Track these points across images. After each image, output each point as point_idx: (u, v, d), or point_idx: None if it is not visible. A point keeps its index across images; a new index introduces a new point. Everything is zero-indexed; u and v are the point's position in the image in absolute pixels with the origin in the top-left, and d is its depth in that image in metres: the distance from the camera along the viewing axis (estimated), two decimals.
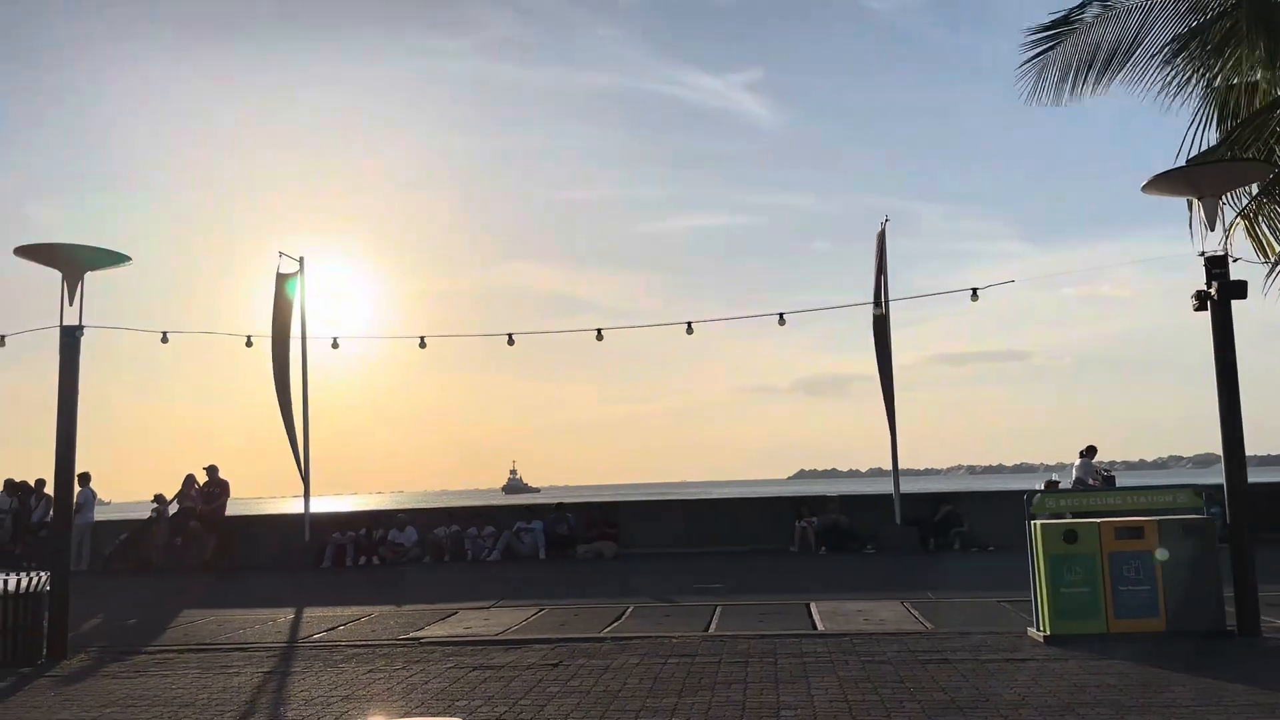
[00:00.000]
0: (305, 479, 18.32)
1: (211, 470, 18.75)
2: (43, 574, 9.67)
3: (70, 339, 9.88)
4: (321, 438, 18.34)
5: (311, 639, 10.22)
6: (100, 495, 19.41)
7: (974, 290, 17.28)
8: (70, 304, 9.89)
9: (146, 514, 19.25)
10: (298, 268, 18.45)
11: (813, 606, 10.99)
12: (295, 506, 19.62)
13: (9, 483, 19.37)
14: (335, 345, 18.70)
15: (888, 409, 17.49)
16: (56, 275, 9.88)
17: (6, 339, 12.31)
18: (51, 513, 19.36)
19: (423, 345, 18.84)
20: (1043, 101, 13.53)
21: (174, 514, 18.85)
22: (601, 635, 9.70)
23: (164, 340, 12.25)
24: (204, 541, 18.49)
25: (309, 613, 12.30)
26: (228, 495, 19.02)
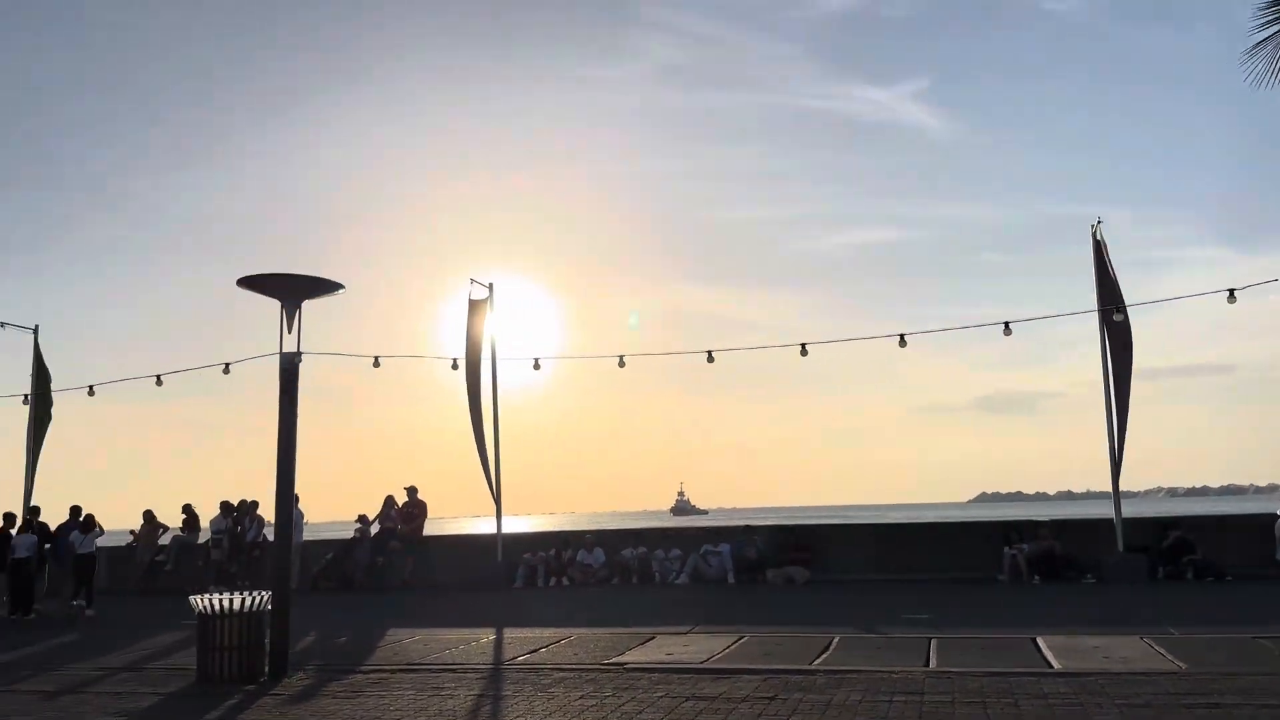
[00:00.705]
0: (497, 500, 18.62)
1: (411, 491, 19.35)
2: (264, 593, 10.01)
3: (289, 365, 10.25)
4: (508, 460, 18.58)
5: (516, 661, 10.19)
6: (306, 516, 20.29)
7: (1230, 291, 15.97)
8: (289, 331, 10.28)
9: (350, 534, 20.02)
10: (487, 293, 18.86)
11: (1041, 641, 10.12)
12: (483, 526, 19.99)
13: (224, 504, 20.57)
14: (537, 367, 19.05)
15: (1118, 424, 16.17)
16: (276, 304, 10.31)
17: (231, 366, 13.00)
18: (265, 533, 20.55)
19: (622, 364, 18.90)
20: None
21: (375, 534, 19.53)
22: (813, 667, 9.21)
23: (375, 365, 12.66)
24: (404, 561, 19.06)
25: (509, 634, 12.33)
26: (425, 516, 19.58)
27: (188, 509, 20.82)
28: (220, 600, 9.72)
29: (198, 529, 20.86)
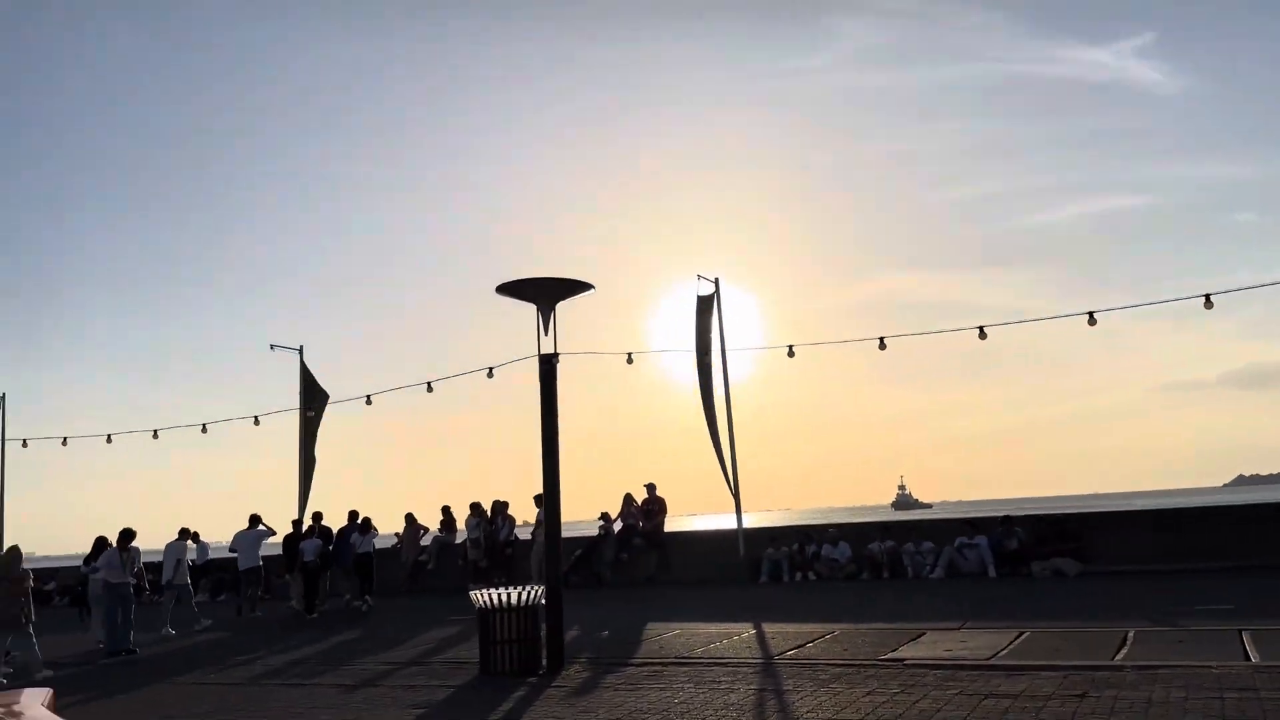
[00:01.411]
0: (736, 495, 18.53)
1: (650, 488, 19.59)
2: (538, 588, 10.28)
3: (548, 366, 10.51)
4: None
5: (786, 656, 9.97)
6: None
7: None
8: (545, 334, 10.54)
9: (593, 532, 20.49)
10: (714, 289, 18.82)
11: None
12: (716, 523, 19.91)
13: (475, 506, 21.55)
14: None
15: None
16: (532, 308, 10.59)
17: (495, 370, 13.57)
18: (515, 532, 21.39)
19: (791, 354, 18.29)
20: None
21: (619, 531, 19.89)
22: (1118, 663, 8.48)
23: (629, 361, 12.86)
24: (648, 557, 19.31)
25: (767, 628, 12.15)
26: (665, 513, 19.74)
27: (445, 511, 21.97)
28: (498, 595, 10.06)
29: (455, 529, 21.95)
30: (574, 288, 10.57)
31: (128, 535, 14.73)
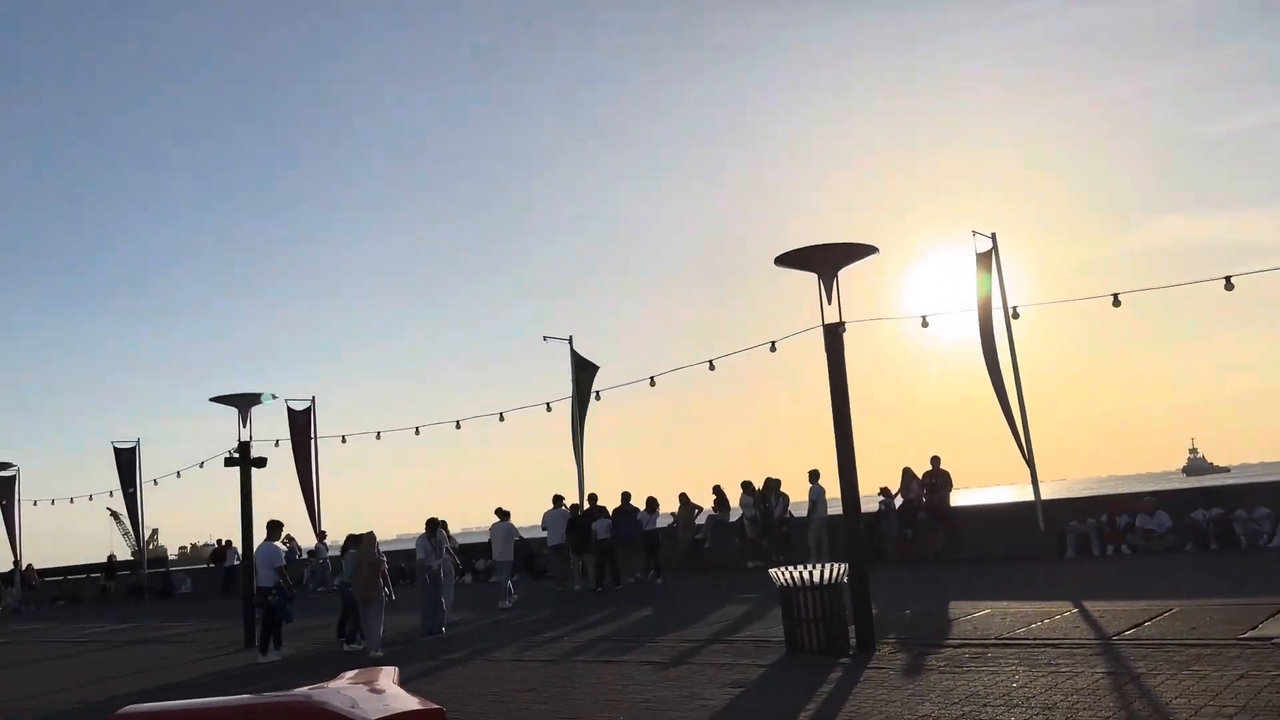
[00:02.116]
0: (1030, 463, 17.26)
1: (934, 461, 18.68)
2: (842, 565, 9.93)
3: (834, 336, 10.10)
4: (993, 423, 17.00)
5: (1124, 636, 9.07)
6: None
7: None
8: (829, 302, 10.13)
9: (874, 507, 19.81)
10: (991, 244, 17.60)
11: None
12: (1005, 495, 18.58)
13: (747, 485, 21.43)
14: (1015, 315, 17.31)
15: None
16: (813, 277, 10.21)
17: (778, 344, 13.31)
18: (789, 509, 21.10)
19: (1117, 304, 16.37)
20: None
21: (900, 506, 19.12)
22: None
23: (924, 325, 12.21)
24: (935, 533, 18.44)
25: (1090, 606, 11.16)
26: (950, 486, 18.79)
27: (717, 490, 22.00)
28: (801, 573, 9.80)
29: (729, 508, 21.95)
30: (856, 253, 10.10)
31: (433, 524, 15.74)
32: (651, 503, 20.50)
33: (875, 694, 7.64)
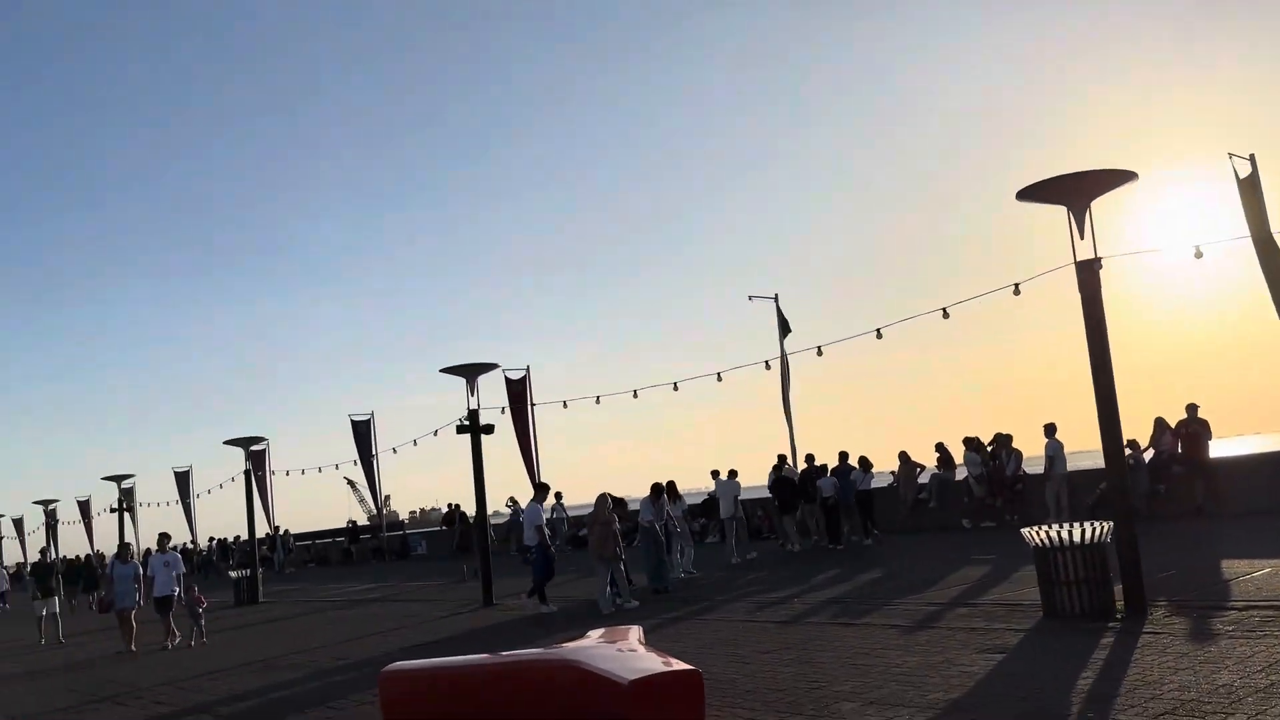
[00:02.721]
0: None
1: (1190, 409, 17.09)
2: (1105, 524, 9.17)
3: (1089, 274, 9.27)
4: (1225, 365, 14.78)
5: None
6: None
7: None
8: (1081, 237, 9.30)
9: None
10: (1251, 168, 15.76)
11: None
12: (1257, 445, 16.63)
13: (971, 440, 20.41)
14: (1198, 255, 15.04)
15: None
16: (1062, 211, 9.40)
17: (1021, 286, 12.48)
18: (1022, 466, 19.95)
19: None
20: None
21: (1150, 460, 17.67)
22: None
23: (1198, 256, 11.06)
24: (1192, 486, 16.92)
25: None
26: (1209, 435, 17.16)
27: (940, 447, 21.11)
28: (1059, 533, 9.12)
29: (953, 466, 21.03)
30: (1112, 180, 9.19)
31: (657, 489, 15.93)
32: (865, 462, 20.13)
33: (1160, 661, 6.96)
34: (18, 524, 51.64)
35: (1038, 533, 9.27)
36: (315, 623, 17.00)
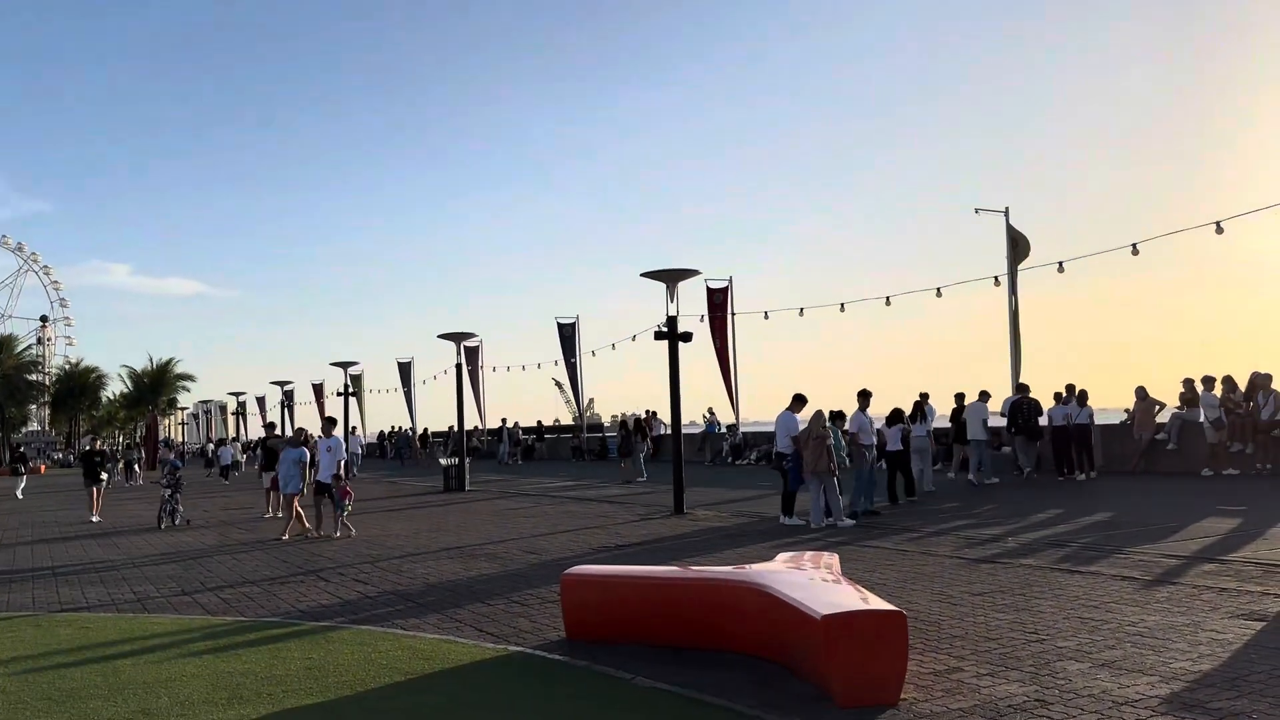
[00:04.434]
0: None
1: None
2: None
3: None
4: None
5: None
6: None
7: None
8: None
9: None
10: None
11: None
12: None
13: (1212, 380, 18.31)
14: None
15: None
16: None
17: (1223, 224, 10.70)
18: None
19: None
20: None
21: None
22: None
23: None
24: None
25: None
26: None
27: (1187, 383, 19.04)
28: None
29: (1197, 405, 18.94)
30: None
31: (865, 395, 15.03)
32: (1083, 395, 19.16)
33: None
34: (260, 401, 56.78)
35: None
36: (513, 516, 17.42)
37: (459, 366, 26.09)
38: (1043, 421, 19.41)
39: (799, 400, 14.65)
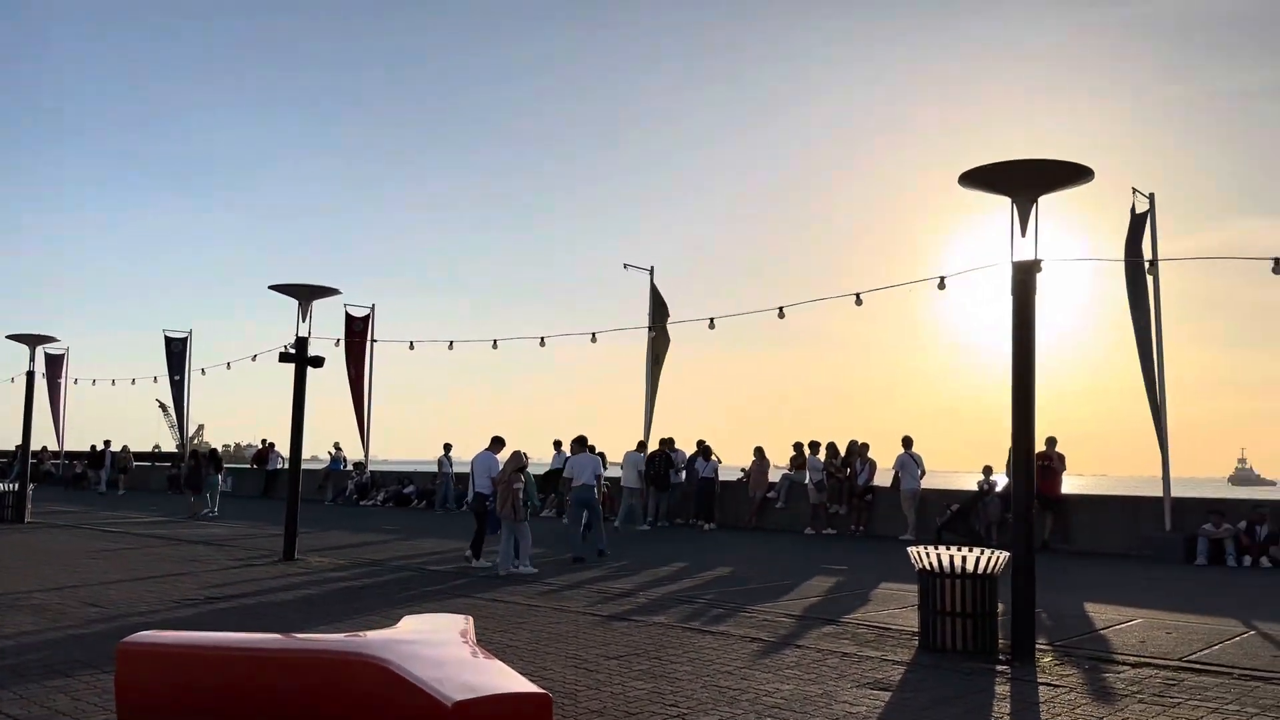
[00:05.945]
0: (1164, 451, 15.40)
1: (1049, 441, 16.83)
2: (999, 554, 8.28)
3: (1025, 276, 8.32)
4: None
5: None
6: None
7: None
8: (1023, 235, 8.35)
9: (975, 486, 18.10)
10: (1149, 205, 15.54)
11: None
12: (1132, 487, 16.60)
13: (818, 445, 19.82)
14: (1150, 269, 15.25)
15: None
16: (1007, 203, 8.43)
17: (946, 280, 11.59)
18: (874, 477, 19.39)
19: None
20: None
21: (1004, 488, 17.35)
22: None
23: (1150, 271, 10.33)
24: (1040, 519, 16.68)
25: (1267, 628, 9.44)
26: (1064, 469, 16.97)
27: (798, 447, 20.41)
28: (947, 557, 8.17)
29: (804, 468, 20.37)
30: (1065, 177, 8.25)
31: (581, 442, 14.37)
32: (706, 450, 21.00)
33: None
34: None
35: (924, 554, 8.31)
36: (81, 556, 14.63)
37: (30, 374, 22.04)
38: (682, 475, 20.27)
39: (497, 442, 14.32)
